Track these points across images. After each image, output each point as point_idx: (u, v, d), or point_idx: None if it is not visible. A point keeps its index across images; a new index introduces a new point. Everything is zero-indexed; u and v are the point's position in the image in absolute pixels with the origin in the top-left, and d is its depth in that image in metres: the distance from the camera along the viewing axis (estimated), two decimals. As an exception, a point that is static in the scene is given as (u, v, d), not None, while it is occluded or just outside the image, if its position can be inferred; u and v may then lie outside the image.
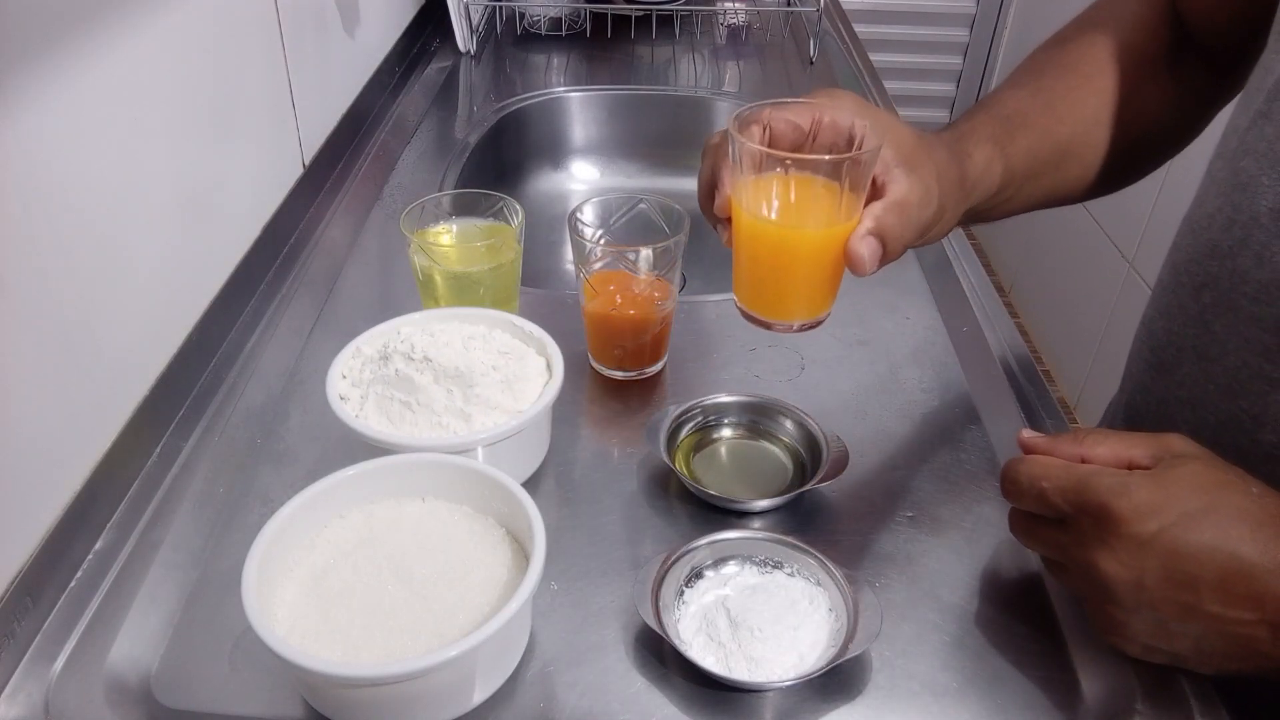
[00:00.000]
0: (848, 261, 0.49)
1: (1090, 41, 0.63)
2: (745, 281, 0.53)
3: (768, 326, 0.53)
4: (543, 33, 1.37)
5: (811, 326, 0.53)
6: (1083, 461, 0.46)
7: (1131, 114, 0.62)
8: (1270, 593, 0.41)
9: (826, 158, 0.48)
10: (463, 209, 0.73)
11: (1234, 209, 0.53)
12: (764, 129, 0.49)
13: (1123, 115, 0.61)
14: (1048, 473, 0.46)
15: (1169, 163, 0.66)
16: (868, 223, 0.48)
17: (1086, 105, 0.61)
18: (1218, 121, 0.62)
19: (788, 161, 0.48)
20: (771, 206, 0.50)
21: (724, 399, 0.64)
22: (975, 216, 0.59)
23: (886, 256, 0.49)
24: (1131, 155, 0.63)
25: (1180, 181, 1.42)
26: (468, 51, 1.29)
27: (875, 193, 0.49)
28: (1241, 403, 0.52)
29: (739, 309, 0.54)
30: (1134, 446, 0.46)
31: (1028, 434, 0.50)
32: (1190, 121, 0.66)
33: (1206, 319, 0.55)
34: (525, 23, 1.38)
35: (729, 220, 0.51)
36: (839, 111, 0.49)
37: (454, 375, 0.56)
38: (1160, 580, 0.42)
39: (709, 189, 0.51)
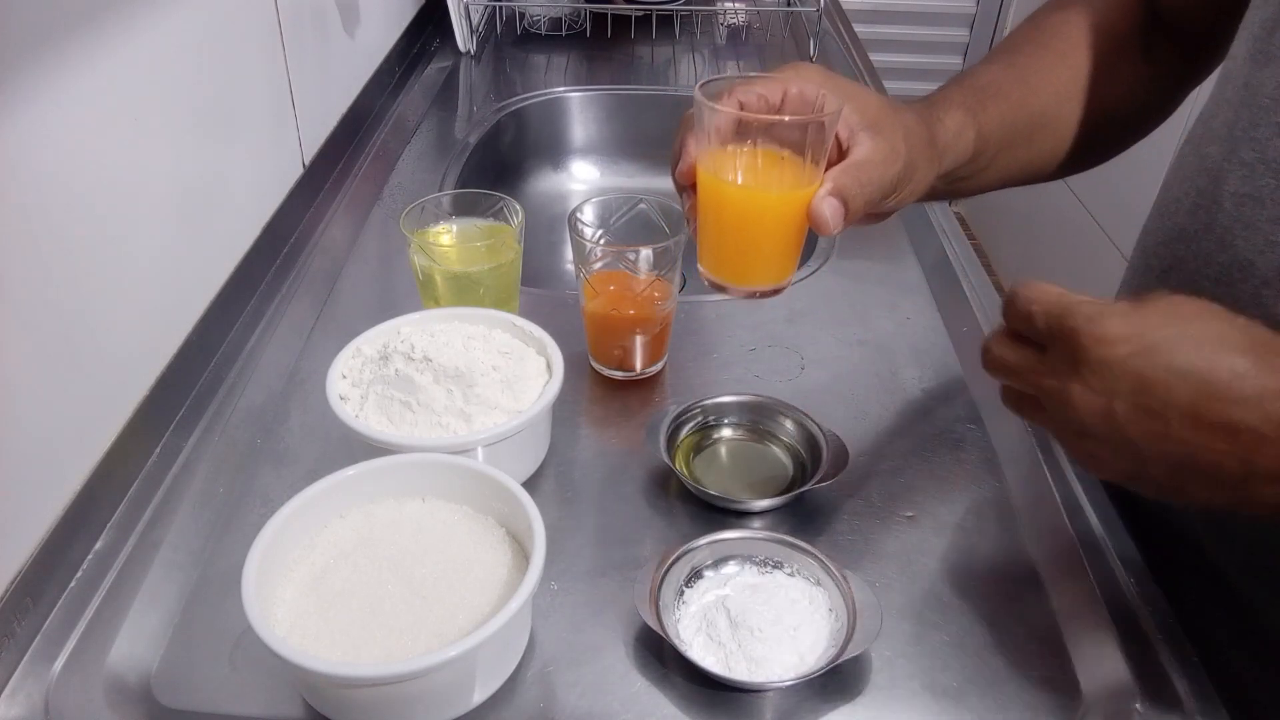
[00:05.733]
0: (811, 222, 0.50)
1: (1064, 20, 0.64)
2: (708, 246, 0.54)
3: (725, 290, 0.54)
4: (543, 33, 1.38)
5: (772, 293, 0.55)
6: None
7: (1104, 91, 0.62)
8: (1245, 425, 0.39)
9: (787, 118, 0.50)
10: (463, 209, 0.73)
11: (1199, 194, 0.54)
12: (735, 103, 0.50)
13: (1095, 92, 0.62)
14: (1040, 294, 0.45)
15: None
16: (828, 184, 0.50)
17: (1060, 80, 0.62)
18: (1193, 108, 0.62)
19: (752, 125, 0.50)
20: (735, 171, 0.51)
21: (724, 399, 0.64)
22: (953, 186, 0.59)
23: (850, 216, 0.50)
24: (1103, 133, 0.64)
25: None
26: (468, 51, 1.29)
27: (841, 157, 0.51)
28: None
29: (701, 275, 0.55)
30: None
31: None
32: (1162, 101, 0.66)
33: None
34: (525, 23, 1.38)
35: (693, 188, 0.52)
36: (805, 83, 0.51)
37: (454, 375, 0.56)
38: (1130, 408, 0.41)
39: (678, 159, 0.53)
